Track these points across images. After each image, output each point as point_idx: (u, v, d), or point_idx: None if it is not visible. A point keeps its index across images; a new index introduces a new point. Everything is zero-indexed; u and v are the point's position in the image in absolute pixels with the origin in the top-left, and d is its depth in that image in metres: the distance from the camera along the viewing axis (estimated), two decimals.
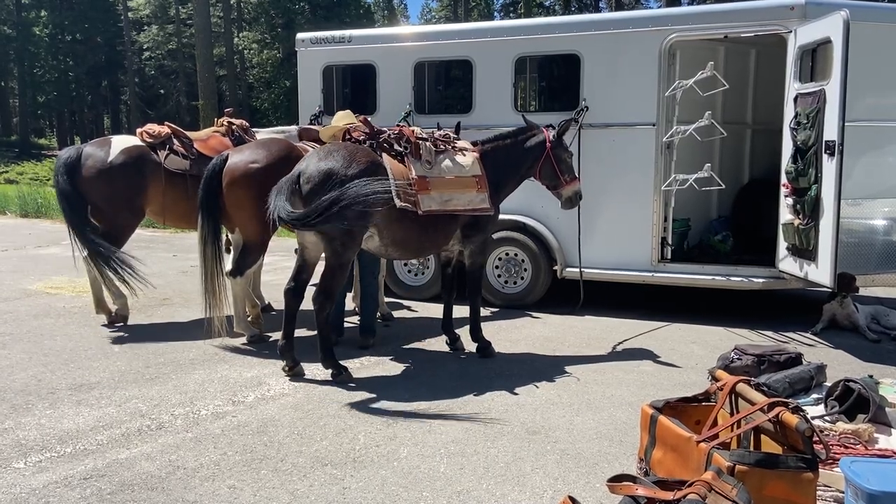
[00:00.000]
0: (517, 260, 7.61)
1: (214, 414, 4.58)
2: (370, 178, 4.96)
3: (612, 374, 5.45)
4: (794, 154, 6.16)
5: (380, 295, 7.19)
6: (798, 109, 6.16)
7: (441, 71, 8.84)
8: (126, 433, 4.26)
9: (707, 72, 6.59)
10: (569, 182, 5.84)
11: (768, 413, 2.87)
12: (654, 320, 7.04)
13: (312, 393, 4.99)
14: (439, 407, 4.71)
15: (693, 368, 5.57)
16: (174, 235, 13.35)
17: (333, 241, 5.12)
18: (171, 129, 6.77)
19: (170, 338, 6.32)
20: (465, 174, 5.52)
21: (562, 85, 8.97)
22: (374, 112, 7.93)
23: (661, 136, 6.93)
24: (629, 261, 7.18)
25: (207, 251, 5.85)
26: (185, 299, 7.94)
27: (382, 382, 5.21)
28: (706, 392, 3.33)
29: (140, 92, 38.73)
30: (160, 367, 5.52)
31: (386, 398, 4.84)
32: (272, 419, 4.49)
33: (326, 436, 4.23)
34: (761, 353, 4.70)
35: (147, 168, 6.46)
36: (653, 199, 7.05)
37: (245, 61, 33.36)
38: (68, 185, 6.32)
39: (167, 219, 6.77)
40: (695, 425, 3.18)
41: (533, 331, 6.74)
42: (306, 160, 5.23)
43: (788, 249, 6.42)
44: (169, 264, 10.30)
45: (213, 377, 5.30)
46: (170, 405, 4.72)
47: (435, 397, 4.89)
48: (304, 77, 8.45)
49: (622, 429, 4.35)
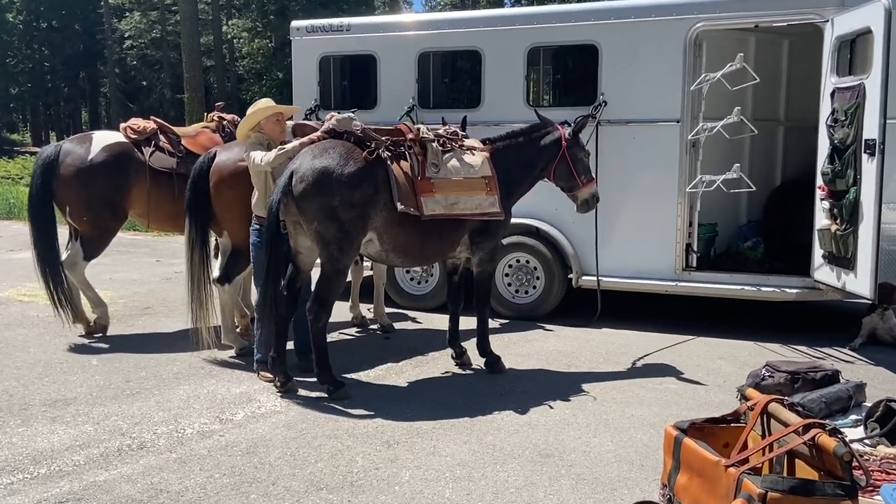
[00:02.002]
0: (529, 267, 7.61)
1: (200, 433, 4.58)
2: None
3: (633, 392, 5.44)
4: (831, 154, 6.15)
5: (380, 305, 7.21)
6: (835, 105, 6.15)
7: (447, 62, 8.86)
8: (105, 453, 4.26)
9: (736, 64, 6.59)
10: (585, 183, 5.85)
11: (803, 435, 2.86)
12: (678, 333, 7.03)
13: (306, 411, 4.99)
14: (444, 427, 4.70)
15: (720, 386, 5.56)
16: (157, 239, 13.38)
17: (329, 245, 5.14)
18: (157, 124, 6.80)
19: (152, 350, 6.32)
20: (473, 175, 5.53)
21: (578, 78, 8.99)
22: (374, 107, 7.97)
23: (686, 133, 6.93)
24: (651, 269, 7.17)
25: (194, 256, 5.87)
26: (169, 308, 7.96)
27: (382, 400, 5.21)
28: (735, 412, 3.33)
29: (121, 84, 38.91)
30: (142, 382, 5.53)
31: (386, 417, 4.84)
32: (263, 439, 4.49)
33: (321, 457, 4.23)
34: (795, 369, 4.70)
35: (131, 166, 6.49)
36: (677, 201, 7.04)
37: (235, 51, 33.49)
38: (42, 188, 6.36)
39: (152, 221, 6.78)
40: (723, 448, 3.18)
41: (546, 344, 6.73)
42: (299, 158, 5.25)
43: (825, 257, 6.41)
44: (152, 270, 10.33)
45: (199, 393, 5.30)
46: (152, 423, 4.73)
47: (439, 416, 4.88)
48: (298, 68, 8.47)
49: (643, 452, 4.34)
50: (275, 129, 5.66)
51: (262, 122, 5.62)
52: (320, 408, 5.04)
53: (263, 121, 5.62)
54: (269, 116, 5.63)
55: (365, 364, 6.07)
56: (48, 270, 6.41)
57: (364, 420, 4.81)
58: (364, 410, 4.97)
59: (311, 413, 4.94)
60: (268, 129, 5.65)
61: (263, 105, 5.70)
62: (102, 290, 7.34)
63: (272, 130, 5.66)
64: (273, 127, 5.66)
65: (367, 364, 6.07)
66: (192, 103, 20.27)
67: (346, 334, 7.11)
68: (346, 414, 4.92)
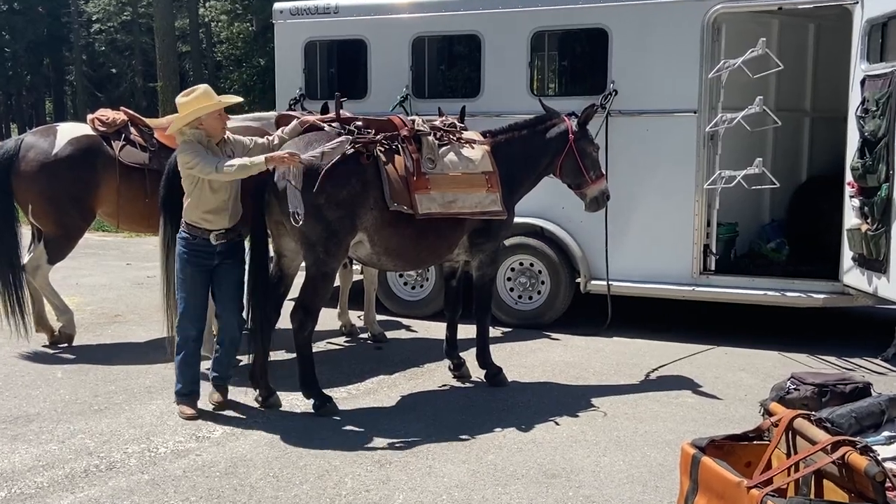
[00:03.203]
0: (533, 271, 7.62)
1: (175, 452, 4.58)
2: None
3: (646, 406, 5.44)
4: (861, 147, 6.16)
5: (371, 312, 7.20)
6: (866, 94, 6.16)
7: (444, 48, 8.87)
8: (70, 474, 4.25)
9: (758, 49, 6.60)
10: (594, 180, 5.85)
11: (832, 454, 2.86)
12: (696, 343, 7.03)
13: (291, 427, 4.98)
14: (441, 445, 4.70)
15: (742, 400, 5.56)
16: (128, 240, 13.37)
17: (315, 247, 5.13)
18: (127, 115, 6.79)
19: (123, 361, 6.32)
20: (472, 170, 5.53)
21: (586, 65, 8.99)
22: (364, 96, 7.96)
23: (704, 125, 6.94)
24: (666, 272, 7.18)
25: (170, 259, 5.84)
26: (140, 316, 7.95)
27: (374, 415, 5.21)
28: (758, 428, 3.33)
29: (88, 71, 38.87)
30: (111, 397, 5.52)
31: (378, 434, 4.84)
32: (243, 458, 4.48)
33: (307, 478, 4.23)
34: (823, 382, 4.69)
35: (99, 162, 6.48)
36: (694, 199, 7.05)
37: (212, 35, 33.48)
38: (1, 184, 6.35)
39: (122, 221, 6.77)
40: (745, 468, 3.18)
41: (551, 355, 6.73)
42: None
43: (854, 259, 6.42)
44: (122, 274, 10.32)
45: (174, 408, 5.28)
46: (122, 441, 4.72)
47: (435, 433, 4.88)
48: (282, 54, 8.47)
49: (658, 472, 4.34)
50: (217, 124, 5.08)
51: (202, 117, 5.00)
52: (306, 425, 5.03)
53: (205, 116, 5.00)
54: (213, 112, 5.03)
55: (354, 377, 6.06)
56: (7, 275, 6.39)
57: (353, 438, 4.81)
58: (353, 427, 4.96)
59: (295, 430, 4.93)
60: (209, 125, 5.04)
61: (203, 96, 5.02)
62: (68, 297, 7.33)
63: (214, 127, 5.07)
64: (215, 123, 5.06)
65: (356, 377, 6.06)
66: (166, 92, 20.23)
67: (334, 344, 7.11)
68: (334, 431, 4.92)
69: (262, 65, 25.52)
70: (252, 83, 26.31)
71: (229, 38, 29.84)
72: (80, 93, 38.20)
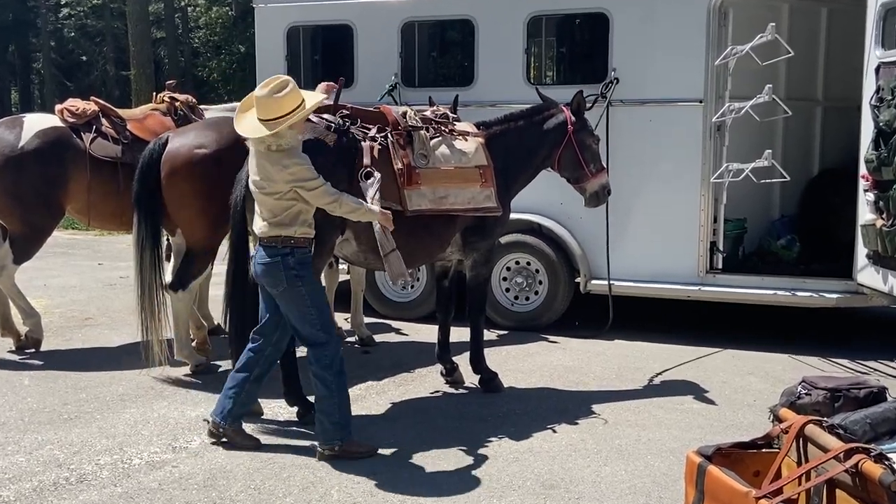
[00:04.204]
0: (530, 270, 7.62)
1: (150, 463, 4.57)
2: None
3: (649, 413, 5.46)
4: (876, 138, 6.18)
5: (358, 315, 7.20)
6: (881, 82, 6.18)
7: (435, 33, 8.87)
8: (38, 488, 4.24)
9: (767, 35, 6.62)
10: (595, 174, 5.86)
11: (845, 462, 2.87)
12: (702, 346, 7.05)
13: (273, 437, 4.98)
14: (432, 454, 4.70)
15: (750, 406, 5.58)
16: (99, 239, 13.34)
17: None
18: (98, 105, 6.78)
19: (94, 367, 6.30)
20: (466, 164, 5.53)
21: (586, 52, 9.01)
22: (350, 85, 7.95)
23: (710, 115, 6.96)
24: (670, 271, 7.19)
25: (144, 259, 5.85)
26: (112, 319, 7.92)
27: (361, 423, 5.19)
28: (767, 436, 3.34)
29: (57, 59, 38.67)
30: (81, 405, 5.50)
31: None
32: (222, 469, 4.48)
33: (290, 491, 4.23)
34: (835, 386, 4.70)
35: (68, 155, 6.46)
36: (699, 194, 7.06)
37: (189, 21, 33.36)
38: None
39: (93, 218, 6.76)
40: (753, 477, 3.19)
41: (550, 359, 6.74)
42: None
43: (869, 257, 6.44)
44: (93, 275, 10.29)
45: (149, 417, 5.28)
46: (94, 452, 4.70)
47: (427, 442, 4.88)
48: (262, 41, 8.45)
49: (662, 482, 4.35)
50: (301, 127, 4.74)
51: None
52: (289, 433, 5.03)
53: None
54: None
55: None
56: None
57: None
58: None
59: (278, 439, 4.93)
60: (299, 128, 4.67)
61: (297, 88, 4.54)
62: (35, 299, 7.32)
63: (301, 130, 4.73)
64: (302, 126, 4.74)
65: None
66: (139, 81, 20.18)
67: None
68: None
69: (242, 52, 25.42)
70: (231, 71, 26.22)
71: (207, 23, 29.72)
72: (47, 82, 38.00)
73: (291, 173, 4.46)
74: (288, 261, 4.56)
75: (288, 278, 4.57)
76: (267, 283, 4.66)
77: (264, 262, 4.60)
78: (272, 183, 4.49)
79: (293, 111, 4.42)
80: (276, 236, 4.56)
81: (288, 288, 4.59)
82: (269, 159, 4.48)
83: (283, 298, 4.66)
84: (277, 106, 4.40)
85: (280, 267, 4.56)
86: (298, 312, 4.66)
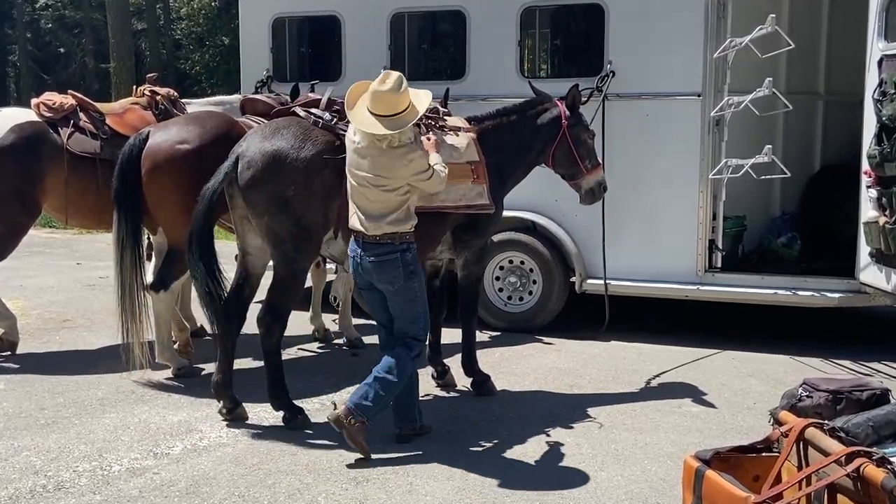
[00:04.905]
0: (524, 269, 7.63)
1: (130, 470, 4.56)
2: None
3: (646, 416, 5.47)
4: (879, 133, 6.20)
5: (346, 316, 7.20)
6: (884, 76, 6.20)
7: (425, 25, 8.85)
8: (14, 495, 4.22)
9: (767, 27, 6.63)
10: (590, 170, 5.86)
11: (846, 466, 2.89)
12: (700, 347, 7.07)
13: (258, 442, 4.98)
14: (423, 460, 4.71)
15: (750, 409, 5.60)
16: (78, 238, 13.29)
17: (283, 244, 5.12)
18: (76, 99, 6.76)
19: (72, 371, 6.28)
20: (457, 160, 5.51)
21: (581, 44, 9.00)
22: (338, 78, 7.94)
23: (709, 109, 6.97)
24: (668, 270, 7.21)
25: (125, 258, 5.84)
26: (91, 321, 7.90)
27: None
28: (767, 439, 3.35)
29: (33, 51, 38.51)
30: (59, 410, 5.49)
31: (354, 449, 4.81)
32: (206, 476, 4.47)
33: (277, 498, 4.22)
34: (837, 388, 4.71)
35: (45, 150, 6.44)
36: (698, 190, 7.08)
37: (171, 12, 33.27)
38: None
39: (71, 216, 6.74)
40: (752, 482, 3.20)
41: (544, 361, 6.75)
42: (247, 140, 5.25)
43: (872, 255, 6.46)
44: (71, 275, 10.25)
45: (129, 422, 5.27)
46: (72, 459, 4.69)
47: (417, 447, 4.89)
48: (247, 33, 8.44)
49: (659, 487, 4.36)
50: None
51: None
52: (274, 439, 5.03)
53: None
54: None
55: (328, 386, 6.06)
56: None
57: (327, 453, 4.81)
58: (327, 441, 4.95)
59: (263, 445, 4.92)
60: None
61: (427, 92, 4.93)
62: (11, 300, 7.29)
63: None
64: None
65: (330, 386, 6.06)
66: (119, 74, 20.13)
67: (306, 350, 7.10)
68: (306, 446, 4.92)
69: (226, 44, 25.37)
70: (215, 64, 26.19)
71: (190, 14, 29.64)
72: (24, 75, 37.84)
73: (414, 167, 4.67)
74: (406, 257, 4.74)
75: (405, 275, 4.74)
76: (381, 281, 4.78)
77: (380, 260, 4.72)
78: (394, 179, 4.65)
79: (409, 106, 4.66)
80: (394, 233, 4.71)
81: (404, 284, 4.75)
82: (390, 156, 4.64)
83: (396, 295, 4.82)
84: (398, 102, 4.62)
85: (398, 263, 4.72)
86: (410, 308, 4.86)
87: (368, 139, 4.66)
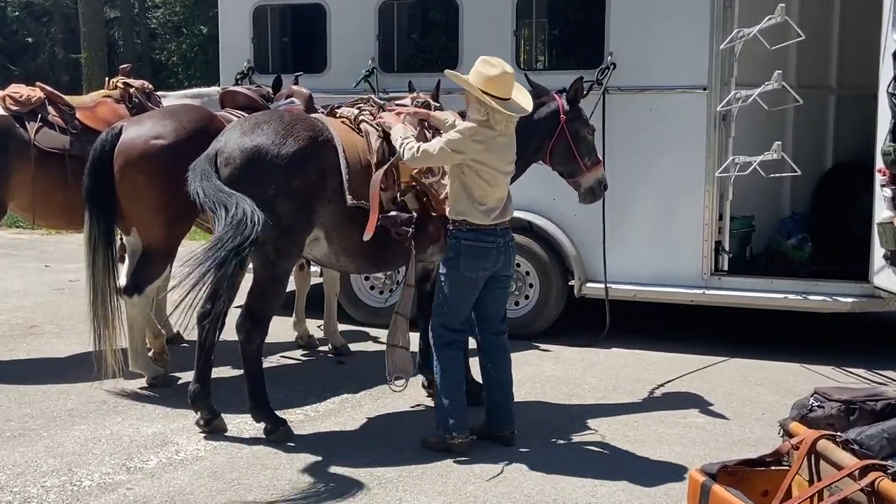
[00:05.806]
0: (520, 272, 7.62)
1: (101, 486, 4.54)
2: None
3: (649, 428, 5.47)
4: (894, 128, 6.23)
5: (332, 322, 7.19)
6: None
7: (416, 14, 8.86)
8: None
9: (777, 17, 6.65)
10: (590, 167, 5.86)
11: (860, 480, 2.89)
12: (706, 354, 7.08)
13: (237, 456, 4.96)
14: (413, 474, 4.70)
15: (758, 420, 5.61)
16: (46, 238, 13.26)
17: (263, 246, 5.10)
18: (44, 92, 6.74)
19: (40, 380, 6.26)
20: None
21: (581, 34, 9.02)
22: (323, 70, 7.94)
23: (715, 103, 6.99)
24: (672, 273, 7.22)
25: (97, 260, 5.83)
26: (60, 327, 7.88)
27: (334, 441, 5.20)
28: (776, 452, 3.36)
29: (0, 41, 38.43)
30: (25, 421, 5.46)
31: (339, 462, 4.83)
32: (182, 492, 4.46)
33: None
34: (850, 398, 4.73)
35: (10, 146, 6.42)
36: (703, 189, 7.09)
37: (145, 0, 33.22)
38: None
39: (38, 216, 6.73)
40: (761, 497, 3.21)
41: (541, 369, 6.75)
42: (226, 134, 5.24)
43: (887, 258, 6.48)
44: (39, 277, 10.22)
45: (101, 434, 5.25)
46: (39, 473, 4.67)
47: (407, 461, 4.88)
48: (226, 22, 8.43)
49: (662, 503, 4.36)
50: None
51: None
52: (255, 452, 5.01)
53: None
54: None
55: (312, 396, 6.06)
56: None
57: (311, 467, 4.80)
58: (311, 455, 4.95)
59: (242, 459, 4.91)
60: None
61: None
62: None
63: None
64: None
65: (314, 396, 6.06)
66: (90, 65, 20.12)
67: (289, 358, 7.08)
68: (288, 459, 4.90)
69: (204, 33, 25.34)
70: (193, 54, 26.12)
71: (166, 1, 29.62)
72: None
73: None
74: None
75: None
76: (507, 267, 5.15)
77: (512, 245, 5.15)
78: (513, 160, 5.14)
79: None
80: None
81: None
82: (512, 139, 5.12)
83: (506, 283, 5.24)
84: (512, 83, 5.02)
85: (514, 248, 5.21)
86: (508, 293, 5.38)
87: (509, 123, 5.04)
